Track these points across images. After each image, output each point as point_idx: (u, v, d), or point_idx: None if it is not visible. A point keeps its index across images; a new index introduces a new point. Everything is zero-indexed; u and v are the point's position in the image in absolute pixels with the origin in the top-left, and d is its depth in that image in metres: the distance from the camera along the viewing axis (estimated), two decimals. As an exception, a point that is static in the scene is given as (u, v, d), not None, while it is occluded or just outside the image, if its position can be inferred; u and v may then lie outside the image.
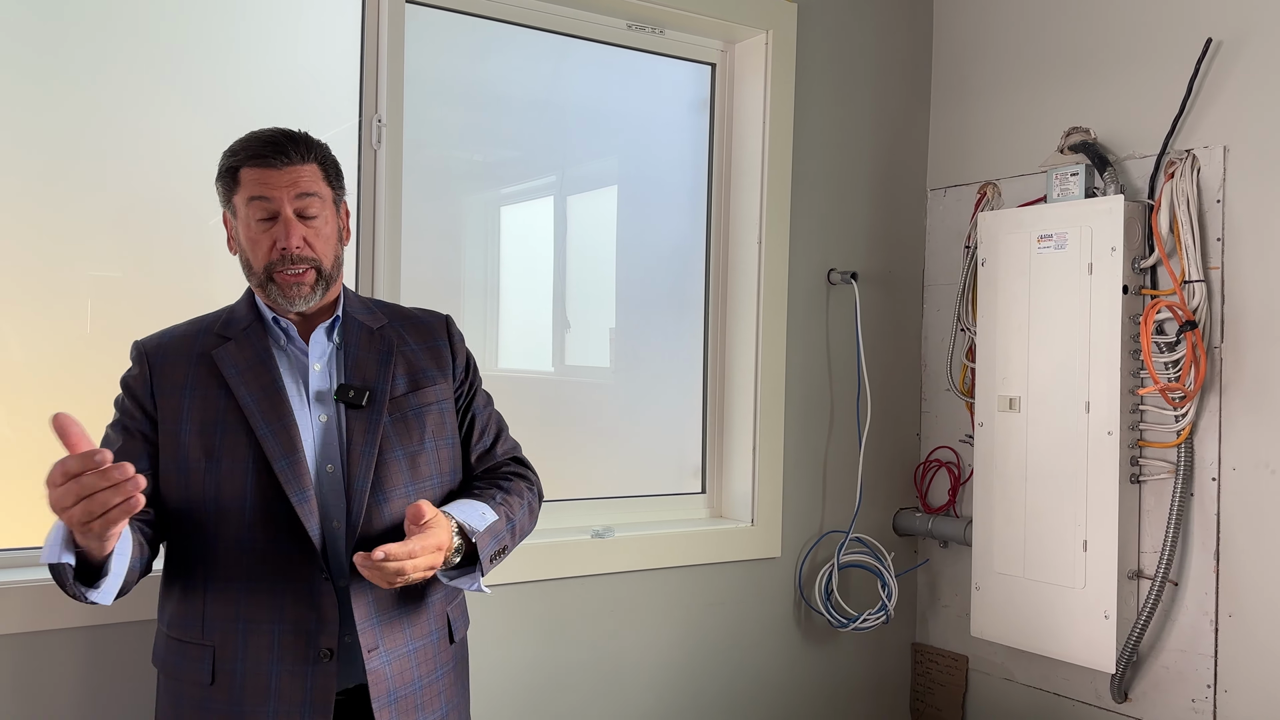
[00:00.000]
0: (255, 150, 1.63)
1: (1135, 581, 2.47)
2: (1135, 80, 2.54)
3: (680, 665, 2.63)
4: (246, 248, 1.64)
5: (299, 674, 1.55)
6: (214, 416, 1.59)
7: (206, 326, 1.69)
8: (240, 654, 1.55)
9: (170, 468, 1.59)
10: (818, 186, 2.83)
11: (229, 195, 1.66)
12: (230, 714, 1.54)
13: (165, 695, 1.63)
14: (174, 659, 1.61)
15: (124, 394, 1.65)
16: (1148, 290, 2.44)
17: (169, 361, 1.63)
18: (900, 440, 3.01)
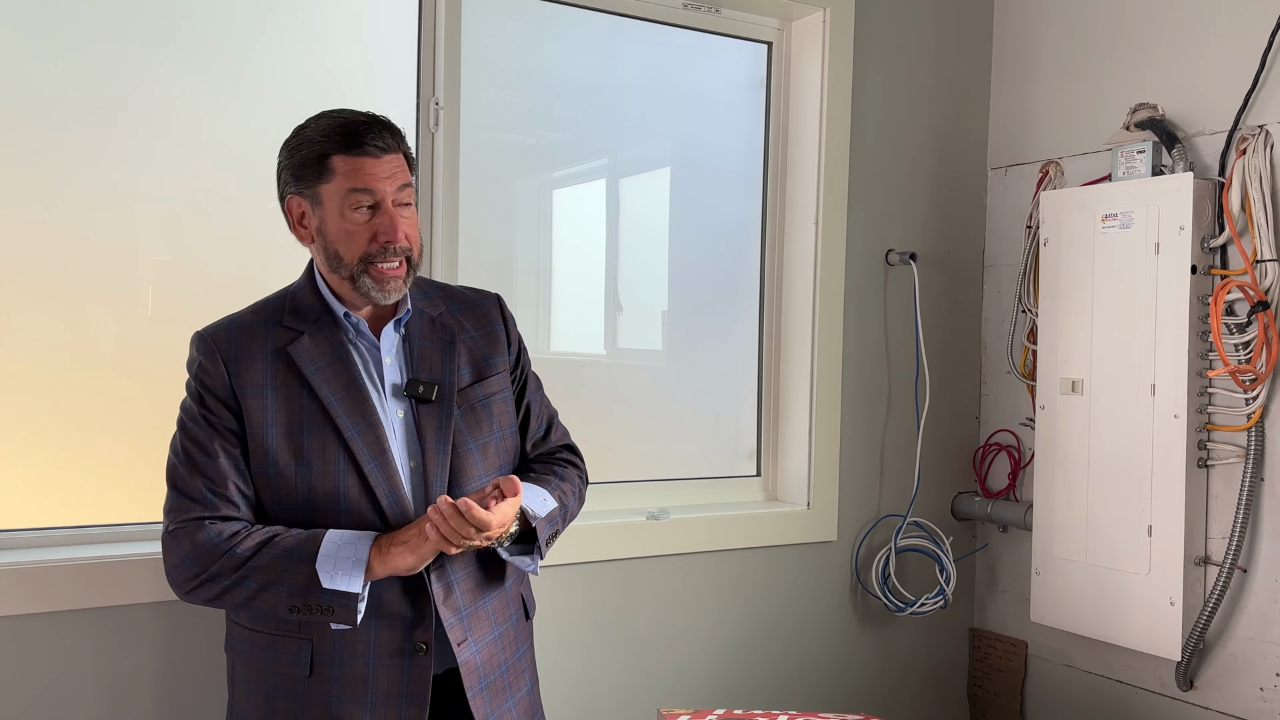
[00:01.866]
0: (350, 137, 1.57)
1: (1202, 568, 2.42)
2: (1205, 54, 2.47)
3: (736, 648, 2.63)
4: (337, 238, 1.58)
5: (396, 667, 1.58)
6: (299, 417, 1.57)
7: (271, 317, 1.62)
8: (338, 648, 1.57)
9: (260, 469, 1.57)
10: (876, 166, 2.79)
11: (312, 183, 1.59)
12: (328, 704, 1.57)
13: (247, 684, 1.63)
14: (262, 652, 1.60)
15: (201, 390, 1.58)
16: (1217, 270, 2.38)
17: (245, 358, 1.57)
18: (959, 423, 2.97)
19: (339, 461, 1.57)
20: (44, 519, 1.98)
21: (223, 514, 1.53)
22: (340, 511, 1.56)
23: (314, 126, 1.62)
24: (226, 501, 1.54)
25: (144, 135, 2.04)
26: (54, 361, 1.98)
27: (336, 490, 1.56)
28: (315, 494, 1.56)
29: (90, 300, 2.01)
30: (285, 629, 1.58)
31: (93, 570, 1.89)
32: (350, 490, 1.57)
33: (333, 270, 1.61)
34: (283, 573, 1.49)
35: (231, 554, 1.50)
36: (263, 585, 1.50)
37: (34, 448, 1.97)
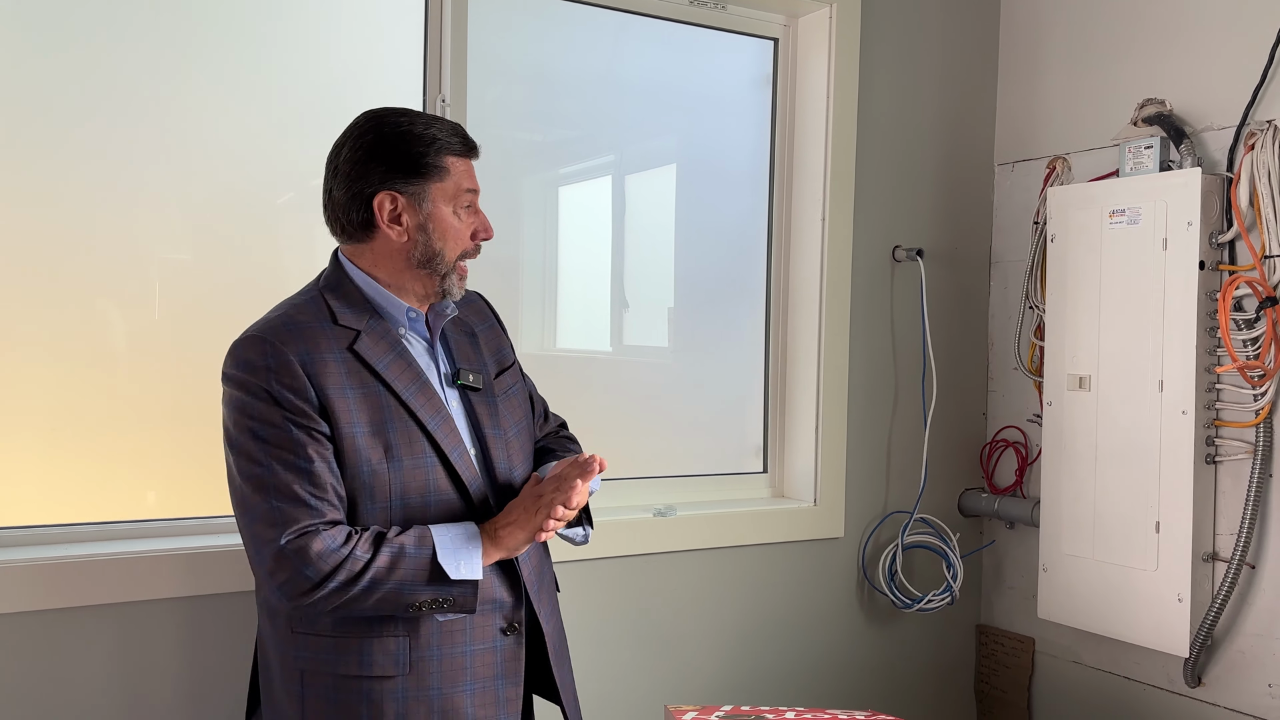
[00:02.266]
0: (464, 139, 1.64)
1: (1210, 564, 2.41)
2: (1213, 49, 2.46)
3: (743, 644, 2.63)
4: (444, 235, 1.61)
5: (492, 650, 1.63)
6: (380, 414, 1.56)
7: (323, 316, 1.59)
8: (436, 640, 1.59)
9: (354, 469, 1.55)
10: (882, 162, 2.79)
11: (421, 180, 1.59)
12: (429, 699, 1.59)
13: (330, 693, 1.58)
14: (351, 656, 1.57)
15: (280, 395, 1.51)
16: (1225, 266, 2.37)
17: (319, 360, 1.54)
18: (966, 420, 2.97)
19: (426, 454, 1.59)
20: (62, 516, 1.99)
21: (329, 519, 1.51)
22: (430, 504, 1.59)
23: (419, 125, 1.62)
24: (330, 505, 1.51)
25: (151, 133, 2.04)
26: (64, 358, 1.98)
27: (426, 483, 1.59)
28: (407, 489, 1.57)
29: (98, 297, 2.02)
30: (379, 630, 1.56)
31: (112, 566, 1.90)
32: (439, 481, 1.59)
33: (421, 266, 1.62)
34: (408, 571, 1.51)
35: (352, 558, 1.49)
36: (388, 588, 1.50)
37: (50, 444, 1.97)
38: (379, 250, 1.62)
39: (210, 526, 2.08)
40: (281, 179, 2.17)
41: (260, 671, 1.68)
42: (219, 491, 2.10)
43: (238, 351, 1.55)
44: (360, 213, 1.60)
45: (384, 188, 1.59)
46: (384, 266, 1.63)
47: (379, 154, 1.59)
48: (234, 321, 2.10)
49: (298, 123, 2.18)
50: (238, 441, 1.53)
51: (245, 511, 1.52)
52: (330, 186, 1.63)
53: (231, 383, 1.55)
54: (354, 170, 1.60)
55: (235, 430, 1.53)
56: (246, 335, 1.57)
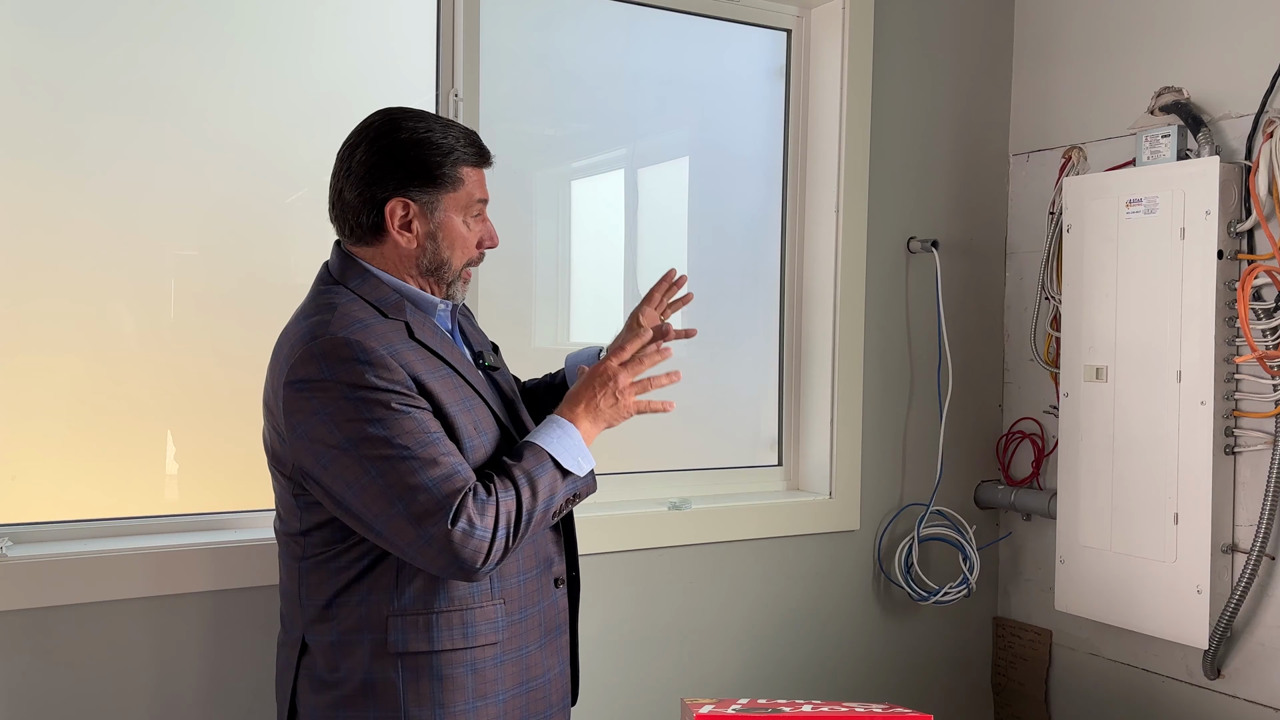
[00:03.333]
0: (479, 149, 1.66)
1: (1229, 555, 2.40)
2: (1231, 36, 2.44)
3: (759, 637, 2.63)
4: (452, 244, 1.64)
5: (553, 604, 1.74)
6: (457, 394, 1.61)
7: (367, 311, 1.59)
8: (521, 601, 1.67)
9: (460, 444, 1.57)
10: (897, 153, 2.78)
11: (435, 189, 1.61)
12: (519, 657, 1.67)
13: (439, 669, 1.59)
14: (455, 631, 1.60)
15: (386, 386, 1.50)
16: (1244, 255, 2.35)
17: (397, 349, 1.55)
18: (982, 411, 2.95)
19: (494, 427, 1.66)
20: (86, 511, 2.00)
21: (469, 477, 1.53)
22: None
23: (437, 132, 1.62)
24: (465, 464, 1.54)
25: (163, 130, 2.05)
26: (81, 354, 1.99)
27: (497, 452, 1.64)
28: (490, 458, 1.62)
29: (113, 294, 2.02)
30: (478, 600, 1.61)
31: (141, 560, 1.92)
32: (503, 451, 1.64)
33: (426, 274, 1.65)
34: (546, 488, 1.57)
35: (501, 505, 1.52)
36: (538, 514, 1.57)
37: (73, 440, 1.99)
38: (387, 254, 1.63)
39: (229, 522, 2.10)
40: (294, 175, 2.18)
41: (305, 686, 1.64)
42: (239, 486, 2.13)
43: (318, 359, 1.51)
44: (371, 216, 1.60)
45: (397, 194, 1.59)
46: (391, 269, 1.64)
47: (395, 160, 1.58)
48: (247, 316, 2.13)
49: (309, 119, 2.18)
50: (349, 441, 1.49)
51: (391, 501, 1.48)
52: (341, 186, 1.62)
53: (319, 391, 1.50)
54: (368, 174, 1.59)
55: (341, 432, 1.49)
56: (322, 338, 1.52)
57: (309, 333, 1.54)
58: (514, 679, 1.65)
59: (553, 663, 1.73)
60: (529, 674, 1.68)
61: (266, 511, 2.13)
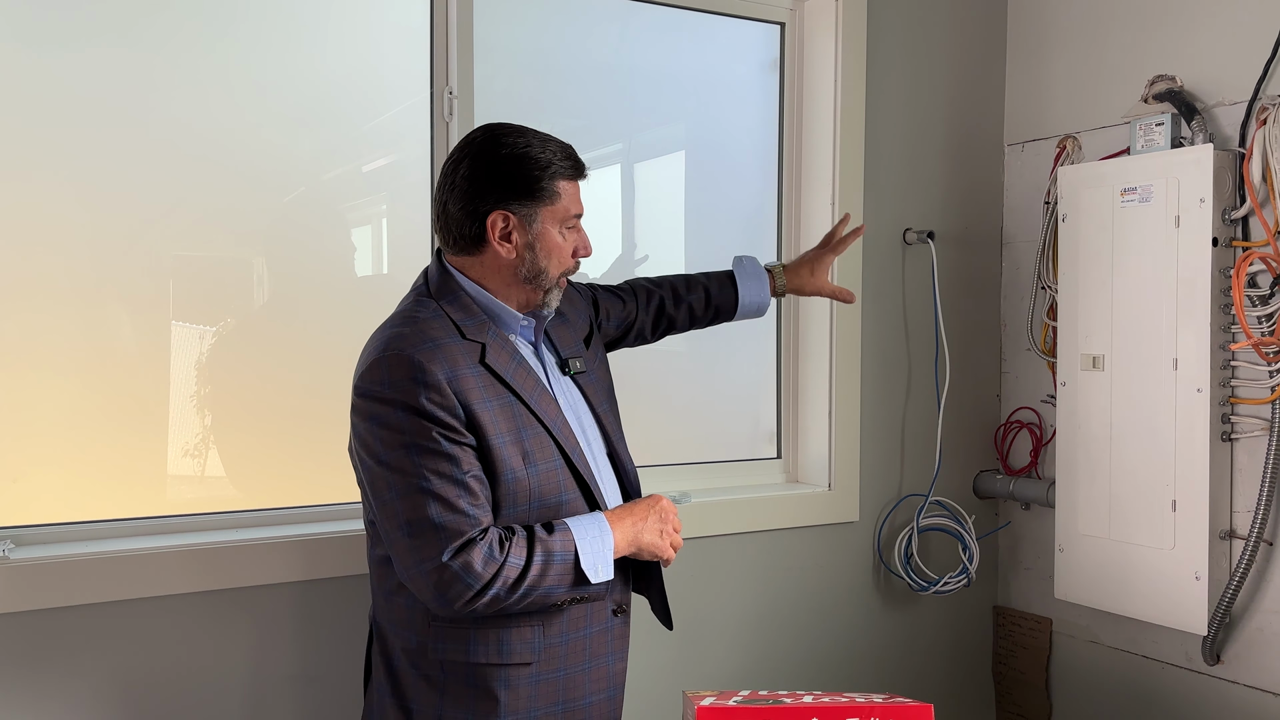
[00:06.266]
0: (576, 164, 1.71)
1: (1227, 542, 2.41)
2: (1223, 24, 2.44)
3: (760, 629, 2.64)
4: (550, 255, 1.69)
5: (606, 631, 1.75)
6: (514, 423, 1.64)
7: (446, 330, 1.64)
8: (565, 625, 1.68)
9: (500, 478, 1.61)
10: (892, 145, 2.78)
11: (534, 202, 1.66)
12: (556, 679, 1.68)
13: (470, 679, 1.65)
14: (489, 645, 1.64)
15: (431, 412, 1.56)
16: (1239, 242, 2.36)
17: (461, 377, 1.60)
18: (980, 401, 2.96)
19: (554, 456, 1.67)
20: (99, 512, 2.02)
21: (484, 525, 1.58)
22: (563, 504, 1.68)
23: (536, 147, 1.67)
24: (484, 512, 1.59)
25: (159, 131, 2.05)
26: (90, 357, 2.00)
27: (559, 483, 1.67)
28: (544, 490, 1.65)
29: (112, 296, 2.03)
30: (516, 622, 1.65)
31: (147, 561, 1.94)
32: (567, 480, 1.68)
33: (526, 282, 1.70)
34: (555, 576, 1.60)
35: (508, 565, 1.55)
36: (537, 592, 1.59)
37: (74, 442, 1.99)
38: (488, 264, 1.69)
39: (234, 522, 2.12)
40: (290, 175, 2.18)
41: (377, 657, 1.74)
42: (242, 486, 2.14)
43: (382, 370, 1.58)
44: (473, 228, 1.66)
45: (498, 207, 1.65)
46: (491, 279, 1.70)
47: (495, 174, 1.65)
48: (246, 317, 2.13)
49: (305, 118, 2.19)
50: (389, 457, 1.57)
51: (401, 525, 1.56)
52: (445, 199, 1.69)
53: (376, 399, 1.58)
54: (471, 187, 1.66)
55: (385, 446, 1.57)
56: (390, 352, 1.59)
57: (384, 344, 1.61)
58: (549, 698, 1.68)
59: (598, 688, 1.73)
60: (567, 694, 1.69)
61: (272, 510, 2.15)
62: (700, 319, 2.18)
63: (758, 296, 2.17)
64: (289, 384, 2.18)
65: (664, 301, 2.14)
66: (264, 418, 2.16)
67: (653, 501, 1.73)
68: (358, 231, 2.30)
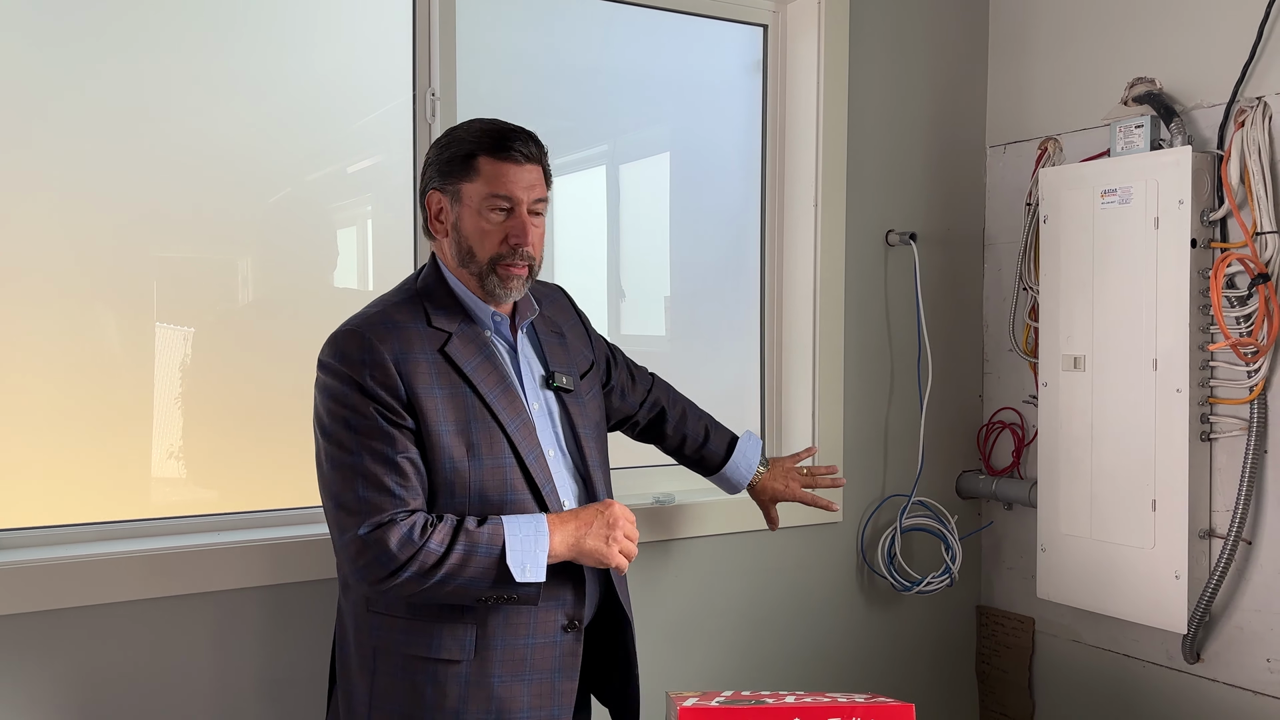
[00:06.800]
0: (498, 141, 1.66)
1: (1207, 541, 2.43)
2: (1202, 26, 2.46)
3: (743, 630, 2.64)
4: (472, 236, 1.67)
5: (552, 645, 1.70)
6: (465, 414, 1.64)
7: (418, 316, 1.66)
8: (501, 630, 1.66)
9: (437, 465, 1.62)
10: (874, 146, 2.79)
11: (456, 180, 1.67)
12: (490, 684, 1.66)
13: (392, 674, 1.66)
14: (420, 638, 1.64)
15: (372, 389, 1.58)
16: (1217, 243, 2.38)
17: (411, 359, 1.61)
18: (962, 402, 2.98)
19: (505, 455, 1.66)
20: (82, 515, 2.02)
21: (410, 507, 1.58)
22: (507, 502, 1.66)
23: (465, 128, 1.70)
24: (414, 495, 1.59)
25: (143, 132, 2.04)
26: (69, 359, 1.99)
27: (504, 482, 1.66)
28: (486, 486, 1.64)
29: (95, 297, 2.02)
30: (449, 616, 1.64)
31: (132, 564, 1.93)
32: (515, 481, 1.67)
33: (462, 265, 1.69)
34: (477, 569, 1.57)
35: (426, 551, 1.55)
36: (456, 582, 1.58)
37: (57, 444, 1.98)
38: (443, 249, 1.73)
39: (218, 524, 2.11)
40: (274, 176, 2.18)
41: (338, 647, 1.76)
42: (227, 488, 2.13)
43: (337, 343, 1.63)
44: (423, 211, 1.73)
45: (433, 187, 1.69)
46: (449, 265, 1.72)
47: (433, 155, 1.71)
48: (229, 317, 2.13)
49: (288, 120, 2.18)
50: (329, 428, 1.61)
51: (331, 496, 1.60)
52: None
53: (327, 371, 1.63)
54: (422, 175, 1.73)
55: (328, 417, 1.61)
56: (346, 328, 1.64)
57: (347, 321, 1.66)
58: (481, 705, 1.65)
59: (539, 704, 1.69)
60: (502, 705, 1.66)
61: (256, 513, 2.14)
62: (687, 455, 2.21)
63: (738, 476, 2.23)
64: (274, 385, 2.17)
65: (665, 417, 2.18)
66: (247, 420, 2.15)
67: (602, 507, 1.69)
68: (343, 232, 2.30)
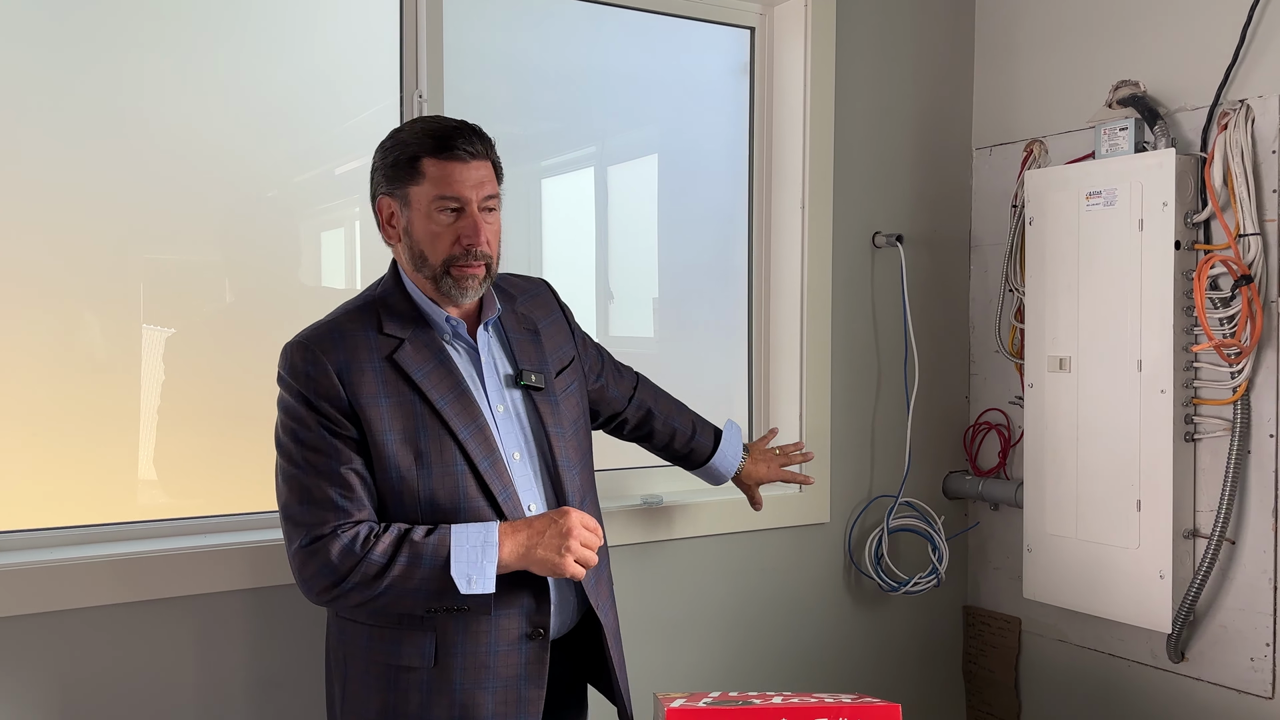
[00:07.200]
0: (441, 141, 1.63)
1: (1191, 541, 2.44)
2: (1186, 30, 2.48)
3: (731, 631, 2.65)
4: (423, 240, 1.64)
5: (515, 652, 1.67)
6: (413, 422, 1.61)
7: (368, 324, 1.64)
8: (461, 638, 1.64)
9: (383, 475, 1.61)
10: (861, 149, 2.80)
11: (403, 184, 1.64)
12: (453, 691, 1.64)
13: (364, 678, 1.67)
14: (383, 645, 1.64)
15: (314, 401, 1.58)
16: (1201, 245, 2.39)
17: (355, 369, 1.60)
18: (949, 403, 2.99)
19: (456, 463, 1.63)
20: (66, 519, 2.01)
21: (355, 518, 1.57)
22: (461, 509, 1.63)
23: (408, 130, 1.67)
24: (358, 506, 1.58)
25: (132, 134, 2.04)
26: (78, 357, 1.99)
27: (456, 490, 1.63)
28: (436, 495, 1.62)
29: (80, 300, 2.02)
30: (409, 623, 1.63)
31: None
32: (469, 488, 1.63)
33: (417, 270, 1.67)
34: (421, 580, 1.55)
35: (368, 561, 1.54)
36: (400, 593, 1.56)
37: (41, 447, 1.98)
38: (399, 253, 1.71)
39: (202, 527, 2.11)
40: (259, 178, 2.18)
41: (327, 651, 1.79)
42: (210, 491, 2.13)
43: (285, 356, 1.63)
44: (376, 220, 1.71)
45: (381, 193, 1.67)
46: (406, 269, 1.70)
47: (378, 160, 1.69)
48: (216, 320, 2.13)
49: (277, 120, 2.18)
50: (281, 441, 1.62)
51: (280, 508, 1.61)
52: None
53: (280, 383, 1.64)
54: (371, 180, 1.71)
55: (280, 430, 1.62)
56: (295, 341, 1.64)
57: (300, 332, 1.65)
58: (445, 711, 1.64)
59: (504, 711, 1.66)
60: (465, 713, 1.64)
61: (239, 516, 2.14)
62: (676, 450, 2.21)
63: (725, 467, 2.24)
64: (260, 387, 2.16)
65: (654, 413, 2.17)
66: (232, 423, 2.15)
67: (557, 515, 1.63)
68: (331, 234, 2.30)
